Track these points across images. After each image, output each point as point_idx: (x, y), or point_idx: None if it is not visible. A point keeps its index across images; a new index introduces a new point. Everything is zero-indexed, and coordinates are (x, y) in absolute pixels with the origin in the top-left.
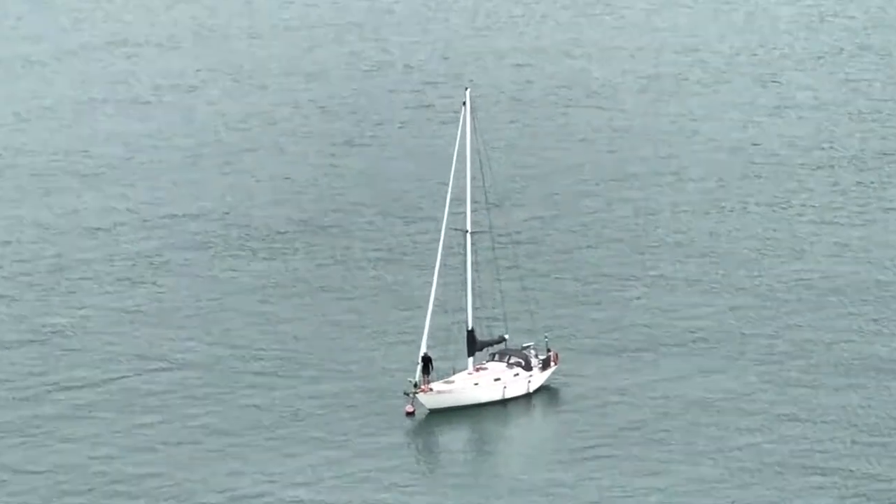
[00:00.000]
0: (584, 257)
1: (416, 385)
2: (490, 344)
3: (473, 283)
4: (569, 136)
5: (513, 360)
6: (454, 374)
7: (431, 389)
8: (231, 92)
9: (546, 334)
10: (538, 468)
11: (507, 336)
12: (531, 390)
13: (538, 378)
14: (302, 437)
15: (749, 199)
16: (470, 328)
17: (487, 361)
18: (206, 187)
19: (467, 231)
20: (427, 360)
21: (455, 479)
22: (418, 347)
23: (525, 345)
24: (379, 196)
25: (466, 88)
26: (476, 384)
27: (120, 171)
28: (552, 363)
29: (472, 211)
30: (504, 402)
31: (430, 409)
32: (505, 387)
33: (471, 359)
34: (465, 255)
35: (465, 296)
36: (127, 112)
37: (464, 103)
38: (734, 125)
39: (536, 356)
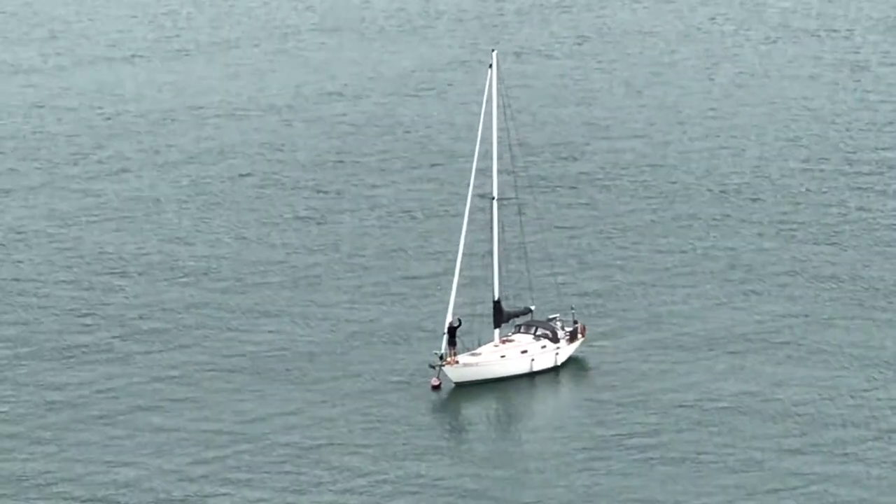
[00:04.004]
0: (615, 225)
1: (441, 357)
2: (516, 315)
3: (500, 251)
4: (608, 99)
5: (539, 331)
6: (479, 346)
7: (458, 362)
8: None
9: (573, 306)
10: (567, 443)
11: (533, 307)
12: (559, 363)
13: (565, 350)
14: (325, 415)
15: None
16: (496, 299)
17: (513, 333)
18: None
19: (493, 198)
20: (452, 331)
21: (483, 454)
22: (444, 318)
23: (551, 316)
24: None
25: (493, 50)
26: (503, 356)
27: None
28: (579, 335)
29: (498, 176)
30: (532, 376)
31: (455, 383)
32: (533, 359)
33: (497, 330)
34: (490, 222)
35: (492, 265)
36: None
37: (490, 66)
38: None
39: (563, 328)
